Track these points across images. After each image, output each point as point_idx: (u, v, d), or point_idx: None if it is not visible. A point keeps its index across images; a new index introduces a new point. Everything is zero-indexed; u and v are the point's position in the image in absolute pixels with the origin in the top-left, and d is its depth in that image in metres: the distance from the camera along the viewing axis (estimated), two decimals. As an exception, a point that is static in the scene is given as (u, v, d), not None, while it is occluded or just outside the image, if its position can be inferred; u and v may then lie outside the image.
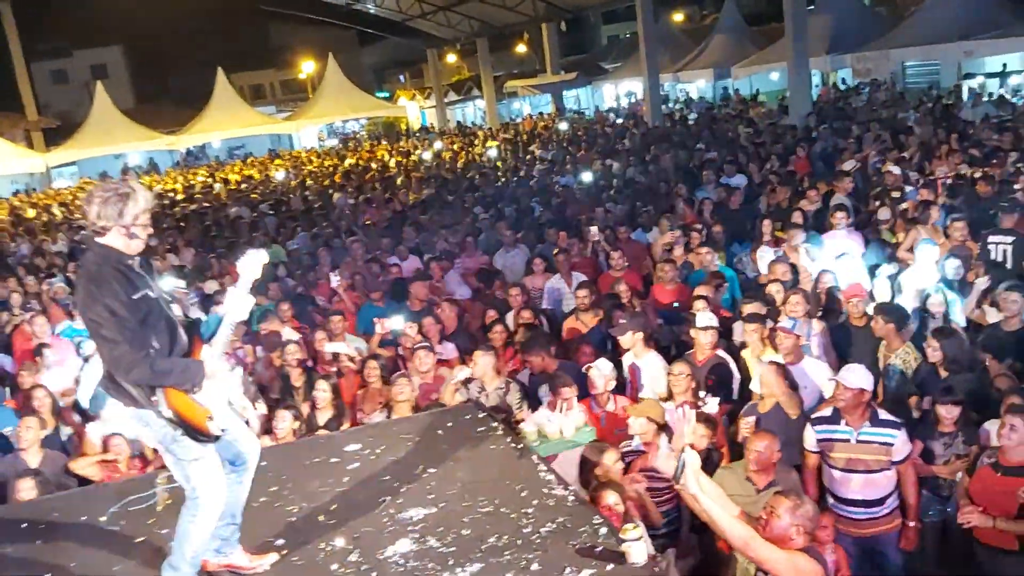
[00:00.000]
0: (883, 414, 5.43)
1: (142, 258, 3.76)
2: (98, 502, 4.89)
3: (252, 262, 3.89)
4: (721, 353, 6.94)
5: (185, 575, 3.88)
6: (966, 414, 5.68)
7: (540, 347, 6.61)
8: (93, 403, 7.10)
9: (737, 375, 6.89)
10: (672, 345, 8.08)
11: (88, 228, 3.69)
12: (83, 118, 36.37)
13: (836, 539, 5.36)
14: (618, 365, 6.86)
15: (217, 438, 3.80)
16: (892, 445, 5.28)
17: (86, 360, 7.90)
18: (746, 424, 5.98)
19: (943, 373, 6.30)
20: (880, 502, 5.33)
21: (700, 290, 8.20)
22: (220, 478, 3.89)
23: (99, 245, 3.67)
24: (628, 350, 6.96)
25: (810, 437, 5.57)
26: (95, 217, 3.62)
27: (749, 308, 7.40)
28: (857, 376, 5.38)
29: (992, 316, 7.06)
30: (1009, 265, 8.19)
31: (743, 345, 7.05)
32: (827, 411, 5.61)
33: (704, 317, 6.97)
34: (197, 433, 3.72)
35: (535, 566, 3.80)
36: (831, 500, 5.48)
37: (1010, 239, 8.35)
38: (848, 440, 5.35)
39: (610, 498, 4.83)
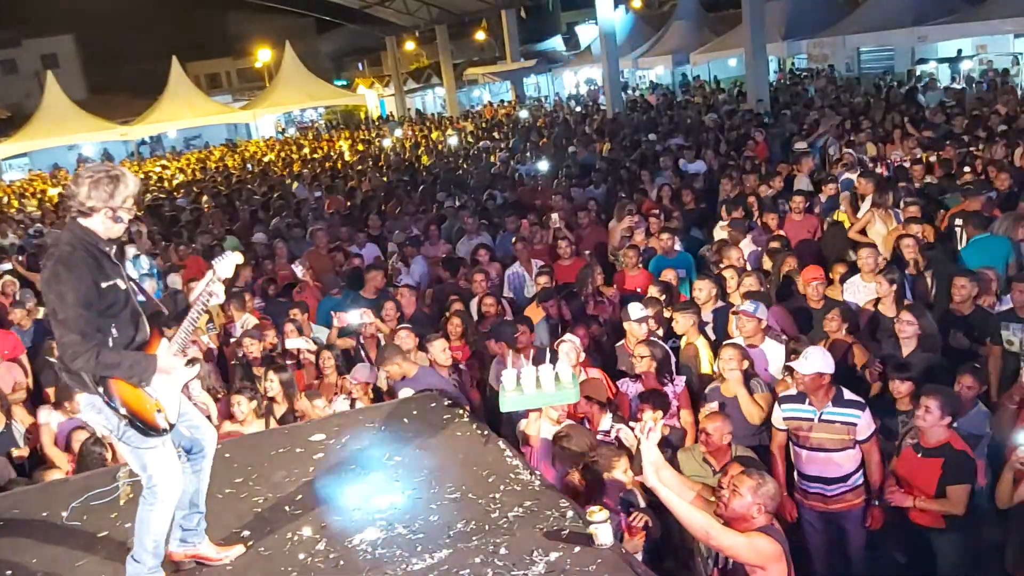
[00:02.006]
0: (848, 394, 5.48)
1: (116, 246, 3.71)
2: (59, 497, 4.82)
3: (227, 264, 3.90)
4: (652, 338, 6.96)
5: (149, 567, 3.84)
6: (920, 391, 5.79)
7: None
8: None
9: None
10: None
11: (73, 209, 3.62)
12: (34, 109, 35.54)
13: (802, 513, 5.47)
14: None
15: (165, 431, 3.76)
16: (855, 425, 5.35)
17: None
18: (709, 409, 5.98)
19: (905, 351, 6.37)
20: (842, 480, 5.41)
21: (667, 275, 8.34)
22: (176, 466, 3.86)
23: (80, 227, 3.62)
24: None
25: (777, 415, 5.66)
26: (84, 198, 3.56)
27: (694, 292, 7.55)
28: (812, 362, 5.42)
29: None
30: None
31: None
32: (793, 390, 5.69)
33: (636, 309, 7.01)
34: (145, 426, 3.69)
35: (503, 550, 3.83)
36: (796, 476, 5.57)
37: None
38: (812, 419, 5.43)
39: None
